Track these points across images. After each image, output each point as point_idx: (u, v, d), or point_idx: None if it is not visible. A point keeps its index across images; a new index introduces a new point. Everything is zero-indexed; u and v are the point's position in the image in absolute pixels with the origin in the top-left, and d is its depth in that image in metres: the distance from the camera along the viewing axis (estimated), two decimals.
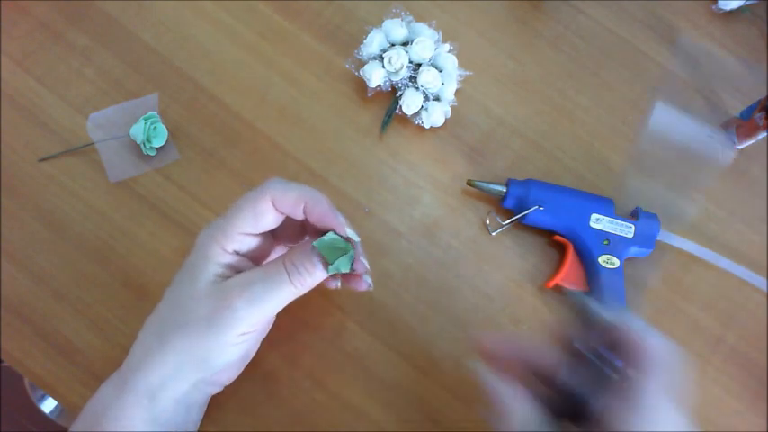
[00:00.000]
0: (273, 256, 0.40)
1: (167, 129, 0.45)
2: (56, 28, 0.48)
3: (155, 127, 0.44)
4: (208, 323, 0.32)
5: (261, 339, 0.39)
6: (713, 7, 0.52)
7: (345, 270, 0.34)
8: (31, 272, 0.43)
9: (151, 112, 0.45)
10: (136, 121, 0.44)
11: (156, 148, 0.45)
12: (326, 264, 0.34)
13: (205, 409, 0.38)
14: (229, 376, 0.37)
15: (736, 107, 0.50)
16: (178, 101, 0.47)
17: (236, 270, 0.34)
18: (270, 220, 0.35)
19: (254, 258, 0.36)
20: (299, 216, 0.34)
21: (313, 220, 0.34)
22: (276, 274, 0.33)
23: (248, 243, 0.35)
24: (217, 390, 0.37)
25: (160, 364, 0.33)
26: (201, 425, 0.40)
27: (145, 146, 0.44)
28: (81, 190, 0.45)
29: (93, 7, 0.49)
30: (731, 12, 0.52)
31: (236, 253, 0.35)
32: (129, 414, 0.33)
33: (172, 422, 0.34)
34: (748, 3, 0.51)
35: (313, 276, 0.34)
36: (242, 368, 0.38)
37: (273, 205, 0.34)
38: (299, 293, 0.34)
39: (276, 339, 0.43)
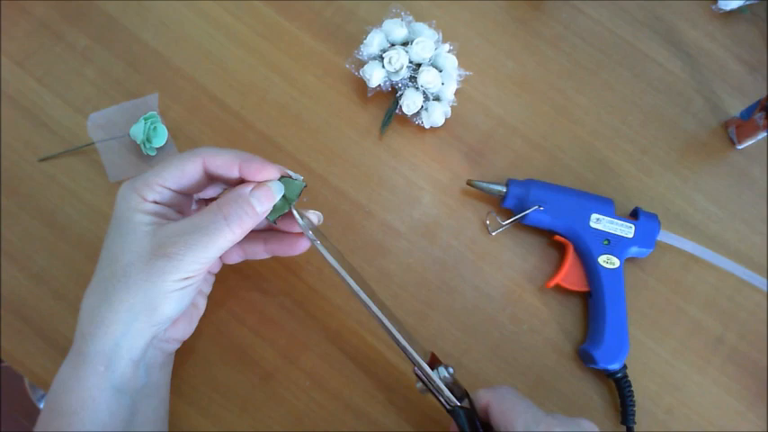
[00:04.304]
0: None
1: (167, 129, 0.45)
2: (56, 28, 0.48)
3: (155, 127, 0.44)
4: (147, 273, 0.32)
5: (206, 293, 0.39)
6: (713, 7, 0.52)
7: (294, 197, 0.36)
8: (31, 272, 0.43)
9: (151, 112, 0.45)
10: (136, 121, 0.44)
11: (156, 148, 0.45)
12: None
13: (168, 372, 0.38)
14: (183, 331, 0.37)
15: (736, 107, 0.50)
16: (178, 101, 0.47)
17: (161, 217, 0.34)
18: (195, 182, 0.35)
19: (177, 212, 0.36)
20: (234, 174, 0.35)
21: (251, 174, 0.35)
22: (211, 219, 0.33)
23: (168, 197, 0.35)
24: (172, 347, 0.37)
25: (111, 324, 0.32)
26: (201, 425, 0.41)
27: (145, 146, 0.44)
28: (81, 190, 0.45)
29: (93, 7, 0.49)
30: (731, 12, 0.52)
31: (156, 202, 0.34)
32: (88, 386, 0.32)
33: (133, 387, 0.34)
34: (748, 3, 0.51)
35: (252, 217, 0.34)
36: (194, 323, 0.38)
37: (205, 167, 0.35)
38: (236, 237, 0.34)
39: (276, 339, 0.43)
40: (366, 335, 0.43)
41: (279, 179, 0.35)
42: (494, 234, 0.46)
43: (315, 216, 0.38)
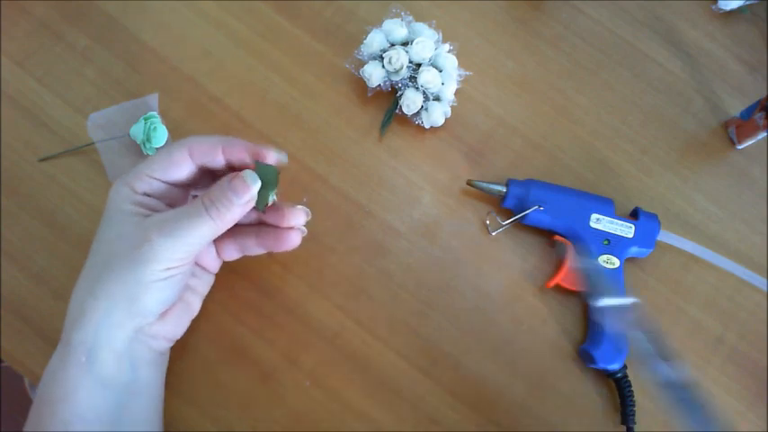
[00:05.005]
0: None
1: (167, 129, 0.45)
2: (56, 28, 0.48)
3: (155, 127, 0.44)
4: (130, 261, 0.32)
5: (201, 294, 0.39)
6: (713, 7, 0.52)
7: (274, 188, 0.35)
8: (31, 272, 0.43)
9: (151, 112, 0.45)
10: (136, 121, 0.44)
11: (156, 149, 0.45)
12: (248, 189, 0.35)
13: (159, 372, 0.37)
14: (173, 330, 0.37)
15: (736, 107, 0.50)
16: (178, 101, 0.47)
17: (150, 209, 0.35)
18: (182, 171, 0.36)
19: (169, 205, 0.37)
20: (219, 160, 0.35)
21: (234, 158, 0.35)
22: (194, 208, 0.33)
23: (159, 188, 0.35)
24: (161, 345, 0.36)
25: (92, 313, 0.32)
26: (201, 425, 0.41)
27: (145, 146, 0.44)
28: (81, 190, 0.45)
29: (93, 7, 0.49)
30: (731, 12, 0.52)
31: (146, 194, 0.35)
32: (72, 376, 0.32)
33: (117, 381, 0.33)
34: (748, 3, 0.51)
35: (231, 209, 0.34)
36: (184, 322, 0.38)
37: (191, 156, 0.35)
38: (218, 228, 0.34)
39: (276, 340, 0.43)
40: (366, 335, 0.43)
41: (255, 168, 0.35)
42: (494, 234, 0.46)
43: (303, 212, 0.38)
